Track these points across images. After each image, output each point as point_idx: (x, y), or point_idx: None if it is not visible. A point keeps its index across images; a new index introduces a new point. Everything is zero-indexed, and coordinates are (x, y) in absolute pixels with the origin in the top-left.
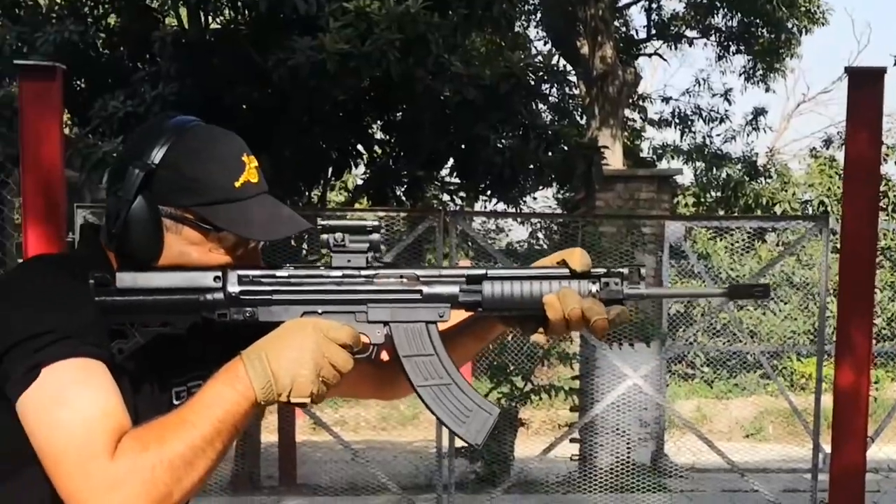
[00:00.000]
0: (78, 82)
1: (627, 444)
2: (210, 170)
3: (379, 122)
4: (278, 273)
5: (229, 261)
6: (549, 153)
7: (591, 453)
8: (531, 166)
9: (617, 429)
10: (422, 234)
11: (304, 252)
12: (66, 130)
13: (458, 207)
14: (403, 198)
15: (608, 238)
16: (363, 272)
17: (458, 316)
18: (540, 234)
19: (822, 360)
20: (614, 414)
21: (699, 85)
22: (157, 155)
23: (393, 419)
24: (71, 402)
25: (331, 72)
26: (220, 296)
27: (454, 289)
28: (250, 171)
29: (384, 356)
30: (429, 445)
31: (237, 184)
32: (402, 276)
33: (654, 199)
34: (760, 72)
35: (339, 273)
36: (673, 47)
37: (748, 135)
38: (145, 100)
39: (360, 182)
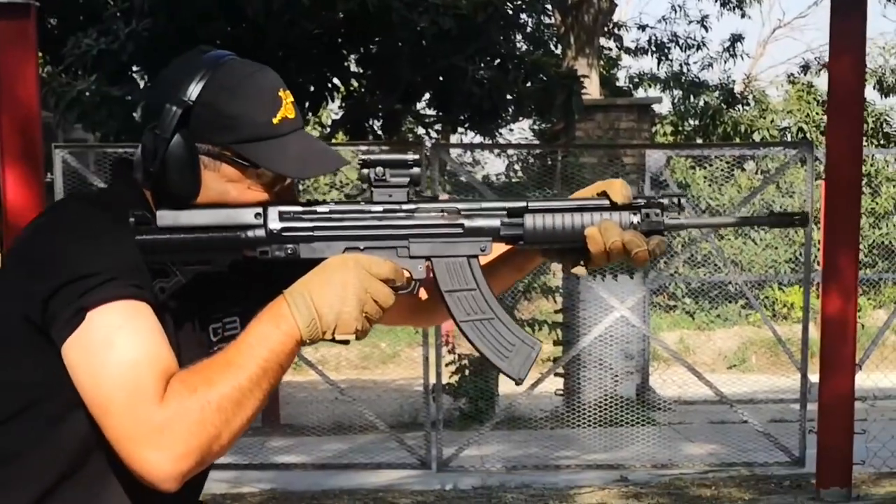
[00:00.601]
0: (50, 21)
1: (613, 377)
2: (247, 106)
3: (355, 55)
4: (319, 209)
5: (267, 197)
6: (528, 84)
7: (576, 387)
8: (510, 97)
9: (602, 362)
10: None
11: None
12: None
13: (433, 141)
14: (380, 132)
15: (588, 169)
16: (404, 206)
17: (498, 248)
18: (517, 167)
19: (808, 288)
20: (599, 347)
21: (675, 12)
22: (194, 91)
23: (374, 357)
24: (118, 346)
25: (305, 4)
26: (261, 233)
27: (495, 222)
28: (287, 106)
29: (422, 294)
30: (411, 383)
31: (275, 120)
32: (443, 211)
33: (635, 129)
34: None
35: (380, 208)
36: None
37: (725, 62)
38: (119, 37)
39: (335, 117)
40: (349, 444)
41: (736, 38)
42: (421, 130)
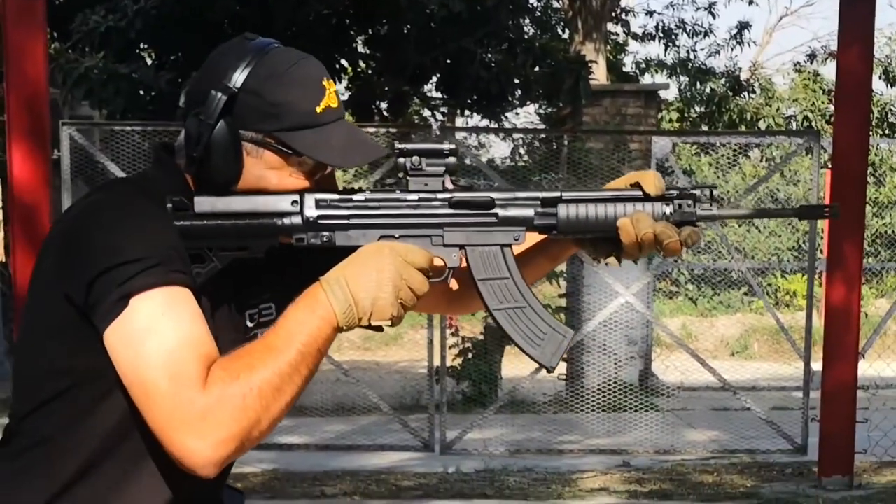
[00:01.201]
0: None
1: (615, 362)
2: (292, 95)
3: (363, 37)
4: (355, 197)
5: (307, 185)
6: (536, 68)
7: (579, 372)
8: (517, 81)
9: (604, 347)
10: None
11: None
12: None
13: (440, 123)
14: (386, 114)
15: (595, 154)
16: (439, 195)
17: (531, 237)
18: (522, 150)
19: (812, 277)
20: (602, 332)
21: None
22: (239, 79)
23: (377, 339)
24: (160, 332)
25: None
26: (297, 220)
27: (529, 212)
28: (330, 95)
29: (453, 284)
30: (414, 365)
31: (318, 109)
32: (477, 200)
33: (641, 115)
34: None
35: (415, 197)
36: None
37: (732, 49)
38: (127, 14)
39: (342, 98)
40: (352, 426)
41: (743, 26)
42: (427, 113)
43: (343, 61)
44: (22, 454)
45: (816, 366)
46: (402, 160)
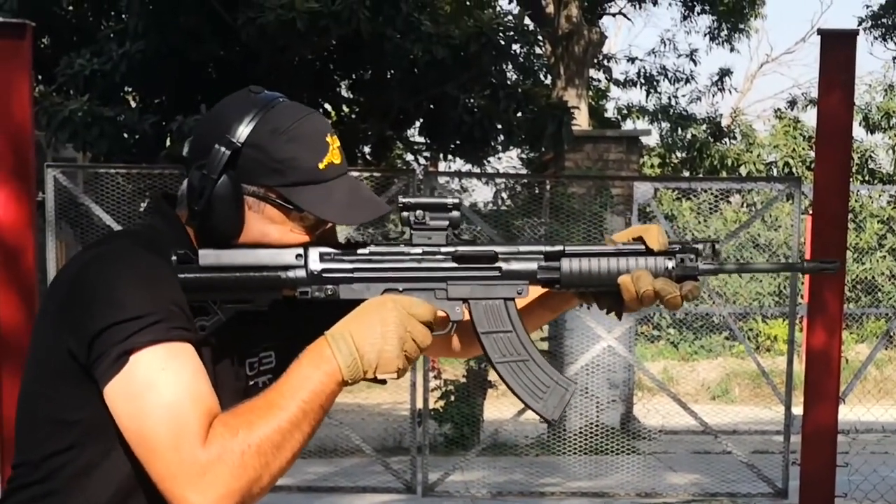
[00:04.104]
0: (42, 41)
1: (597, 406)
2: (295, 150)
3: (346, 81)
4: (359, 251)
5: (308, 239)
6: (519, 113)
7: (561, 415)
8: (500, 126)
9: (586, 391)
10: (392, 195)
11: None
12: None
13: (422, 167)
14: (369, 157)
15: (577, 199)
16: (443, 249)
17: (534, 289)
18: (504, 195)
19: (794, 322)
20: (584, 376)
21: (664, 45)
22: (243, 133)
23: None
24: (162, 388)
25: (300, 30)
26: (301, 273)
27: (532, 266)
28: (334, 151)
29: (455, 343)
30: (396, 408)
31: (321, 165)
32: (481, 254)
33: (623, 160)
34: (725, 32)
35: (419, 250)
36: (638, 6)
37: (713, 95)
38: (112, 58)
39: None
40: (334, 467)
41: (724, 73)
42: (410, 157)
43: (327, 105)
44: None
45: (797, 410)
46: (405, 214)
